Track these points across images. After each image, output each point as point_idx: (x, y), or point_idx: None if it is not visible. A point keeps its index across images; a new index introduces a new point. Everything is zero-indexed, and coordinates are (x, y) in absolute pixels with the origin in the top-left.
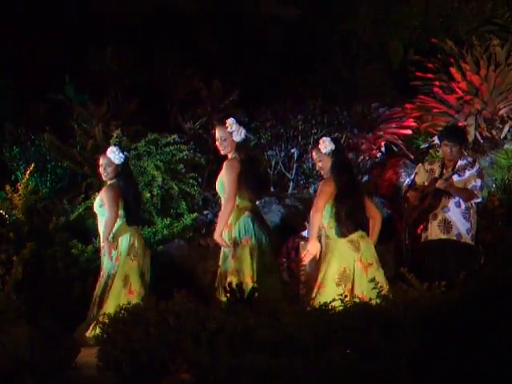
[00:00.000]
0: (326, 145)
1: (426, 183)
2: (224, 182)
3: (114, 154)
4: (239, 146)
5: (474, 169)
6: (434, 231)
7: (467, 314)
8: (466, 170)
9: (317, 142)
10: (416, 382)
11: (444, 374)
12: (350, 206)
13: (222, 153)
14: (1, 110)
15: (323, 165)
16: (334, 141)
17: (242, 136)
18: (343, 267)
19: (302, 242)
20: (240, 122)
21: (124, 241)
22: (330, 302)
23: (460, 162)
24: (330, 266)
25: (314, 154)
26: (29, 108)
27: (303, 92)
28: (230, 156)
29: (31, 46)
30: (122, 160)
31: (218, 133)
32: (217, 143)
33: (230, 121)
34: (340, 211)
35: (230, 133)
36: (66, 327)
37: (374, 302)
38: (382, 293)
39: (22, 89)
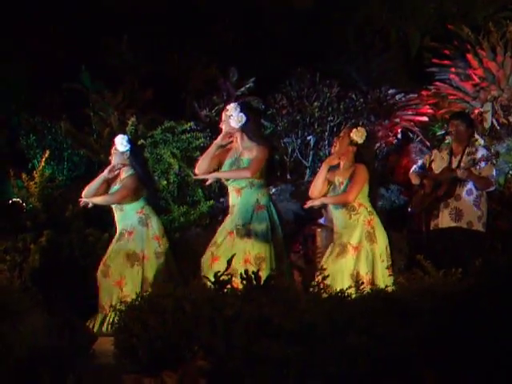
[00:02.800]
0: (357, 134)
1: (436, 172)
2: (253, 158)
3: (118, 142)
4: (244, 132)
5: (486, 156)
6: (445, 219)
7: (483, 302)
8: (484, 162)
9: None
10: (431, 368)
11: (459, 361)
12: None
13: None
14: (17, 98)
15: (340, 144)
16: (367, 136)
17: (240, 123)
18: (386, 244)
19: (319, 230)
20: (244, 108)
21: (157, 221)
22: (347, 289)
23: (469, 149)
24: (379, 242)
25: (344, 131)
26: (45, 96)
27: (319, 79)
28: (238, 139)
29: (47, 35)
30: (127, 149)
31: (222, 115)
32: (220, 125)
33: (231, 105)
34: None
35: (228, 116)
36: (82, 315)
37: (390, 288)
38: None
39: (38, 77)
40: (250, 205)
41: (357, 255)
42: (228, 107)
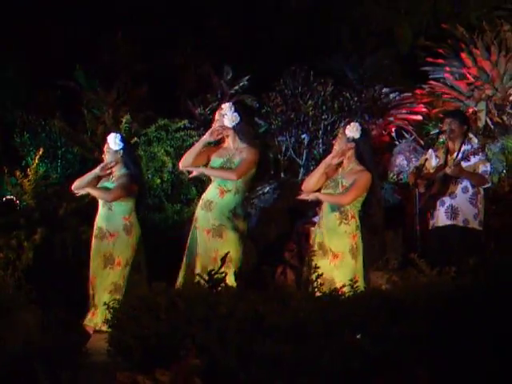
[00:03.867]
0: (351, 129)
1: (432, 170)
2: (242, 160)
3: (111, 140)
4: (236, 132)
5: (482, 153)
6: (441, 218)
7: (477, 300)
8: (473, 156)
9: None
10: (425, 366)
11: (452, 359)
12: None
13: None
14: (12, 96)
15: (338, 143)
16: (363, 131)
17: (234, 122)
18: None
19: (312, 228)
20: (239, 108)
21: (138, 230)
22: (341, 288)
23: (464, 147)
24: (359, 258)
25: (340, 130)
26: (39, 94)
27: (314, 78)
28: (229, 140)
29: (42, 33)
30: (120, 147)
31: (216, 114)
32: (213, 124)
33: (226, 104)
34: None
35: (223, 115)
36: (76, 313)
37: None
38: None
39: (32, 75)
40: (227, 209)
41: (335, 263)
42: (223, 106)
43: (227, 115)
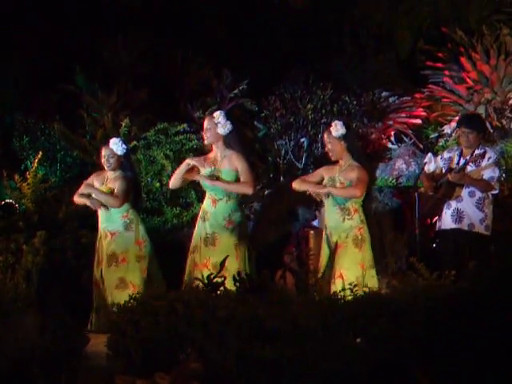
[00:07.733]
0: (337, 128)
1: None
2: (242, 170)
3: (116, 146)
4: (226, 140)
5: (492, 158)
6: (447, 221)
7: (477, 304)
8: (481, 160)
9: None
10: (424, 370)
11: (452, 363)
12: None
13: (206, 142)
14: (11, 99)
15: (332, 147)
16: (347, 126)
17: (227, 130)
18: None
19: (312, 232)
20: (228, 117)
21: (140, 226)
22: (341, 291)
23: (477, 151)
24: (366, 249)
25: (325, 135)
26: (39, 97)
27: (313, 81)
28: (216, 148)
29: (42, 35)
30: (125, 151)
31: (205, 123)
32: (203, 132)
33: (218, 112)
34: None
35: (216, 124)
36: (75, 316)
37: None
38: None
39: (32, 78)
40: (221, 218)
41: (338, 253)
42: (215, 114)
43: (220, 123)
